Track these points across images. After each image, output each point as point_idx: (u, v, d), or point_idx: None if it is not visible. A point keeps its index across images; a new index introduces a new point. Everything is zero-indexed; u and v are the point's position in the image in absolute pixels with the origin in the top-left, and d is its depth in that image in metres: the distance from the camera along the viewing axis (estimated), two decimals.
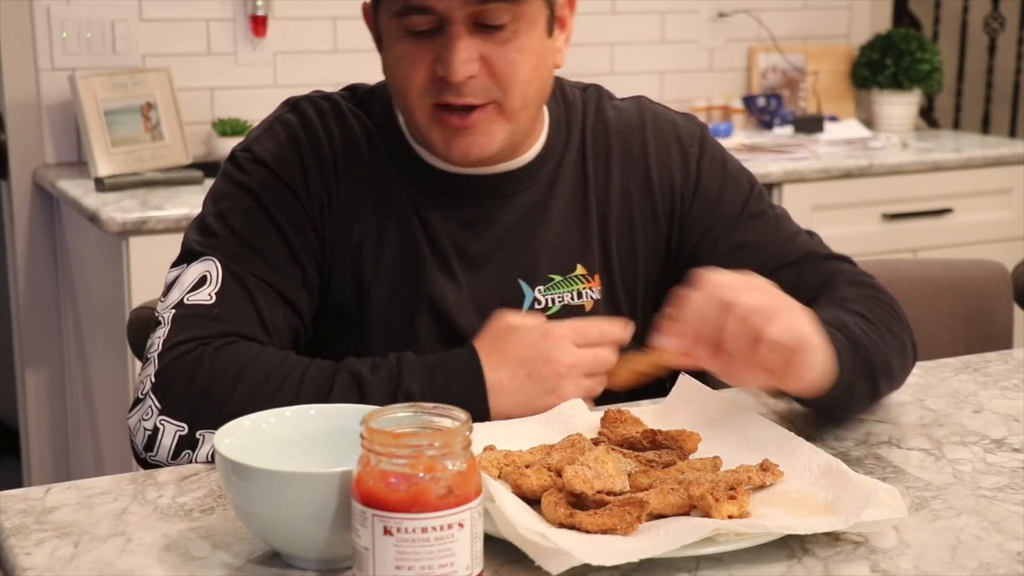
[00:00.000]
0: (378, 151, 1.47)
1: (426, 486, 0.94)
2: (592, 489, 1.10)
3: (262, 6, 3.21)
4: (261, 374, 1.32)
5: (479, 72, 1.36)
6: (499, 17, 1.35)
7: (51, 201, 3.10)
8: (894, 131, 3.80)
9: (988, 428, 1.40)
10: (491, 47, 1.36)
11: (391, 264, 1.46)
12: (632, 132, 1.54)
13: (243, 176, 1.45)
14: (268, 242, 1.42)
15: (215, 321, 1.37)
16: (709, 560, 1.06)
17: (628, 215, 1.52)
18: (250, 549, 1.10)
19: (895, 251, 3.38)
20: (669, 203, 1.53)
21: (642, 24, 3.72)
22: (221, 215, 1.44)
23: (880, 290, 1.49)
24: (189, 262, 1.42)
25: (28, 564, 1.07)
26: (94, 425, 2.98)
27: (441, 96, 1.37)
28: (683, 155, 1.54)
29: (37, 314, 3.14)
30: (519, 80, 1.38)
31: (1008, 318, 2.03)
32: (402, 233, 1.46)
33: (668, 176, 1.53)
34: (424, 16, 1.35)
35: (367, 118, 1.49)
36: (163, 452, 1.31)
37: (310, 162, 1.45)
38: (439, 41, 1.36)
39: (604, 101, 1.56)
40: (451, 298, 1.46)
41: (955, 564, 1.07)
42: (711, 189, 1.54)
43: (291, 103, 1.50)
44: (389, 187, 1.47)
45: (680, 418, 1.32)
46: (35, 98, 3.07)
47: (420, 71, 1.37)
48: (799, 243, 1.54)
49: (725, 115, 3.75)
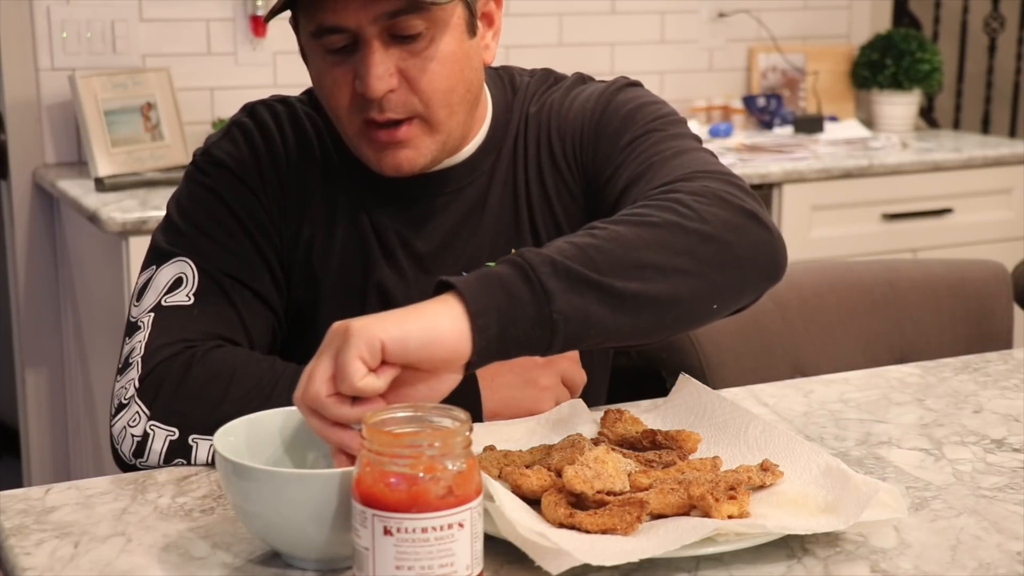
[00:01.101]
0: (329, 152, 1.48)
1: (426, 486, 0.94)
2: (592, 489, 1.10)
3: (262, 6, 3.20)
4: (253, 378, 1.31)
5: (398, 86, 1.34)
6: (413, 27, 1.33)
7: (51, 201, 3.10)
8: (894, 131, 3.80)
9: (988, 428, 1.40)
10: (408, 58, 1.34)
11: (340, 262, 1.47)
12: (553, 110, 1.50)
13: (205, 178, 1.46)
14: (236, 242, 1.43)
15: (197, 322, 1.37)
16: (709, 560, 1.06)
17: (544, 192, 1.48)
18: (250, 549, 1.10)
19: (895, 251, 3.39)
20: (575, 156, 1.46)
21: (642, 24, 3.72)
22: (187, 215, 1.44)
23: (691, 183, 1.24)
24: (160, 264, 1.42)
25: (28, 564, 1.07)
26: (94, 425, 2.98)
27: (365, 113, 1.36)
28: (591, 110, 1.46)
29: (37, 314, 3.14)
30: (439, 90, 1.36)
31: (1008, 318, 2.03)
32: (352, 231, 1.47)
33: (572, 137, 1.47)
34: (338, 35, 1.33)
35: (319, 118, 1.49)
36: (154, 457, 1.30)
37: (265, 163, 1.46)
38: (356, 57, 1.34)
39: (545, 85, 1.53)
40: (399, 294, 1.46)
41: (955, 564, 1.07)
42: (614, 120, 1.44)
43: (248, 108, 1.51)
44: (339, 187, 1.47)
45: (680, 418, 1.32)
46: (35, 98, 3.07)
47: (343, 88, 1.36)
48: (688, 160, 1.33)
49: (725, 115, 3.75)
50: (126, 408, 1.33)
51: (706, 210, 1.19)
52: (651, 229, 1.16)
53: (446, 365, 1.07)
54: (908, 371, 1.60)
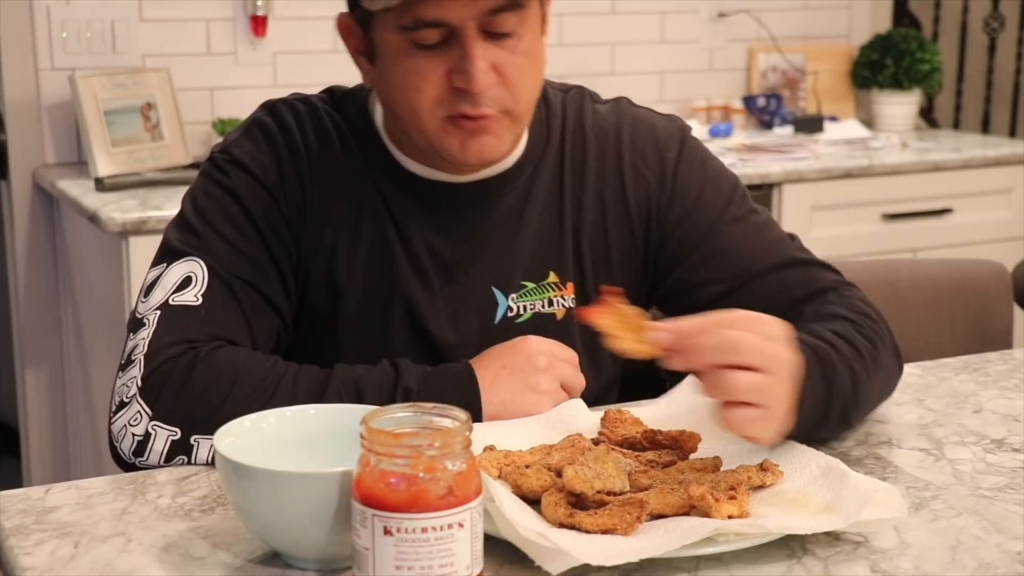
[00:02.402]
0: (353, 154, 1.47)
1: (426, 486, 0.94)
2: (592, 489, 1.10)
3: (262, 6, 3.21)
4: (255, 378, 1.31)
5: (494, 82, 1.36)
6: (507, 24, 1.34)
7: (51, 201, 3.10)
8: (894, 131, 3.80)
9: (988, 428, 1.40)
10: (501, 55, 1.35)
11: (364, 269, 1.45)
12: (609, 138, 1.52)
13: (223, 177, 1.45)
14: (250, 244, 1.42)
15: (203, 323, 1.36)
16: (709, 560, 1.06)
17: (602, 222, 1.50)
18: (250, 549, 1.10)
19: (895, 251, 3.39)
20: (644, 211, 1.50)
21: (642, 24, 3.72)
22: (202, 214, 1.43)
23: (866, 304, 1.46)
24: (170, 261, 1.41)
25: (28, 564, 1.07)
26: (94, 425, 2.98)
27: (456, 108, 1.36)
28: (660, 160, 1.51)
29: (37, 314, 3.14)
30: (528, 86, 1.39)
31: (1008, 318, 2.03)
32: (376, 237, 1.45)
33: (643, 184, 1.50)
34: (435, 29, 1.33)
35: (343, 120, 1.48)
36: (154, 457, 1.30)
37: (286, 165, 1.44)
38: (451, 52, 1.34)
39: (586, 104, 1.54)
40: (424, 304, 1.45)
41: (955, 564, 1.07)
42: (688, 194, 1.51)
43: (268, 106, 1.50)
44: (364, 191, 1.46)
45: (680, 418, 1.32)
46: (35, 98, 3.07)
47: (432, 83, 1.35)
48: (780, 249, 1.50)
49: (725, 115, 3.75)
50: (127, 407, 1.32)
51: (887, 342, 1.43)
52: (881, 381, 1.40)
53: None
54: (908, 371, 1.60)
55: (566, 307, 1.49)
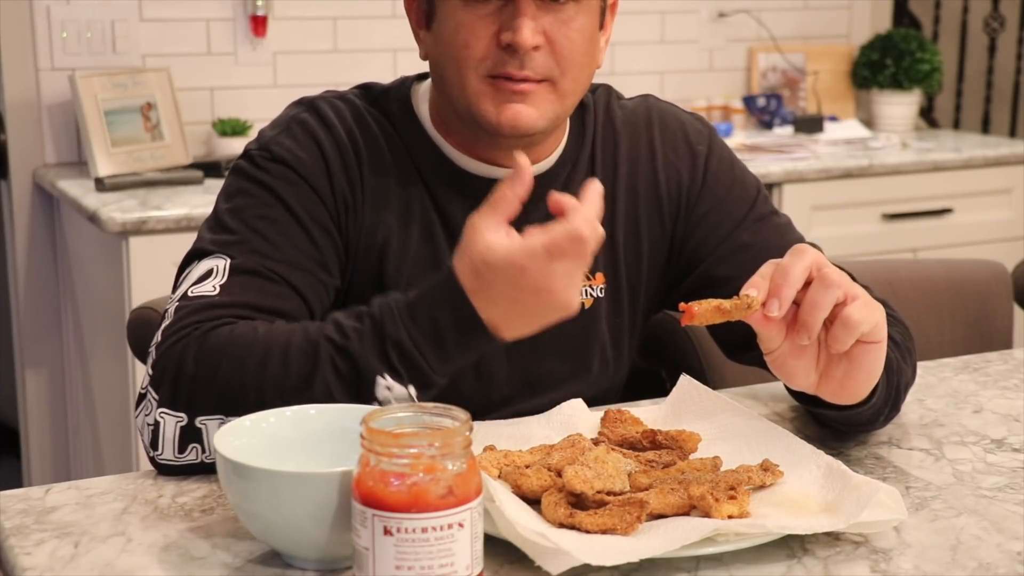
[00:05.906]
0: (399, 151, 1.45)
1: (426, 486, 0.94)
2: (592, 489, 1.10)
3: (262, 6, 3.21)
4: (242, 349, 1.27)
5: (542, 46, 1.37)
6: None
7: (51, 201, 3.10)
8: (894, 131, 3.80)
9: (988, 428, 1.41)
10: (553, 24, 1.37)
11: (413, 266, 1.44)
12: (639, 131, 1.54)
13: (261, 173, 1.41)
14: (286, 238, 1.38)
15: (213, 308, 1.32)
16: (709, 560, 1.07)
17: (634, 213, 1.52)
18: (250, 549, 1.10)
19: (895, 251, 3.39)
20: (675, 202, 1.53)
21: (642, 24, 3.72)
22: (236, 211, 1.40)
23: (893, 309, 1.49)
24: (200, 259, 1.38)
25: (28, 564, 1.07)
26: (94, 425, 2.98)
27: (501, 67, 1.37)
28: (691, 154, 1.54)
29: (37, 314, 3.14)
30: (576, 61, 1.40)
31: (1008, 318, 2.03)
32: (424, 235, 1.45)
33: (675, 174, 1.53)
34: None
35: (384, 118, 1.47)
36: (167, 446, 1.26)
37: (333, 162, 1.42)
38: (504, 12, 1.36)
39: (612, 101, 1.56)
40: None
41: (955, 564, 1.07)
42: (718, 189, 1.54)
43: (306, 102, 1.47)
44: (412, 188, 1.45)
45: (680, 418, 1.33)
46: (35, 98, 3.07)
47: (481, 39, 1.37)
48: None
49: (725, 115, 3.75)
50: (144, 399, 1.30)
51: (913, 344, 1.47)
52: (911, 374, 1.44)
53: None
54: None
55: (594, 296, 1.49)
